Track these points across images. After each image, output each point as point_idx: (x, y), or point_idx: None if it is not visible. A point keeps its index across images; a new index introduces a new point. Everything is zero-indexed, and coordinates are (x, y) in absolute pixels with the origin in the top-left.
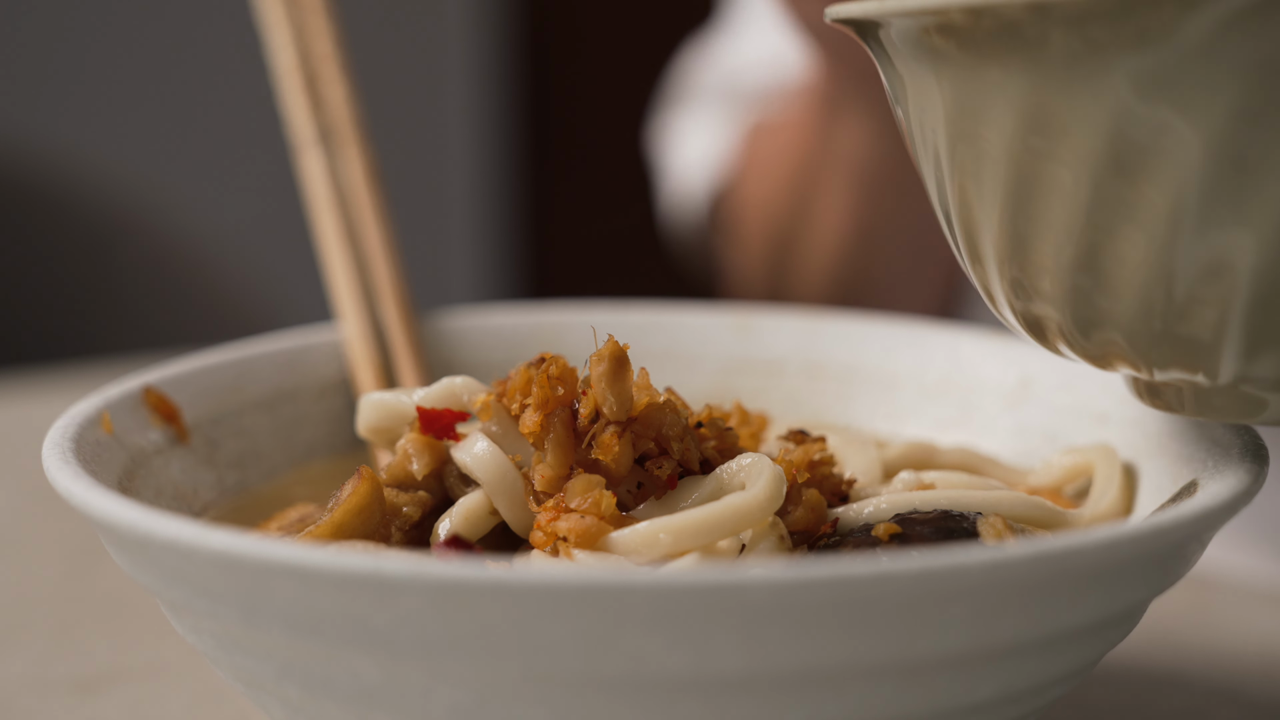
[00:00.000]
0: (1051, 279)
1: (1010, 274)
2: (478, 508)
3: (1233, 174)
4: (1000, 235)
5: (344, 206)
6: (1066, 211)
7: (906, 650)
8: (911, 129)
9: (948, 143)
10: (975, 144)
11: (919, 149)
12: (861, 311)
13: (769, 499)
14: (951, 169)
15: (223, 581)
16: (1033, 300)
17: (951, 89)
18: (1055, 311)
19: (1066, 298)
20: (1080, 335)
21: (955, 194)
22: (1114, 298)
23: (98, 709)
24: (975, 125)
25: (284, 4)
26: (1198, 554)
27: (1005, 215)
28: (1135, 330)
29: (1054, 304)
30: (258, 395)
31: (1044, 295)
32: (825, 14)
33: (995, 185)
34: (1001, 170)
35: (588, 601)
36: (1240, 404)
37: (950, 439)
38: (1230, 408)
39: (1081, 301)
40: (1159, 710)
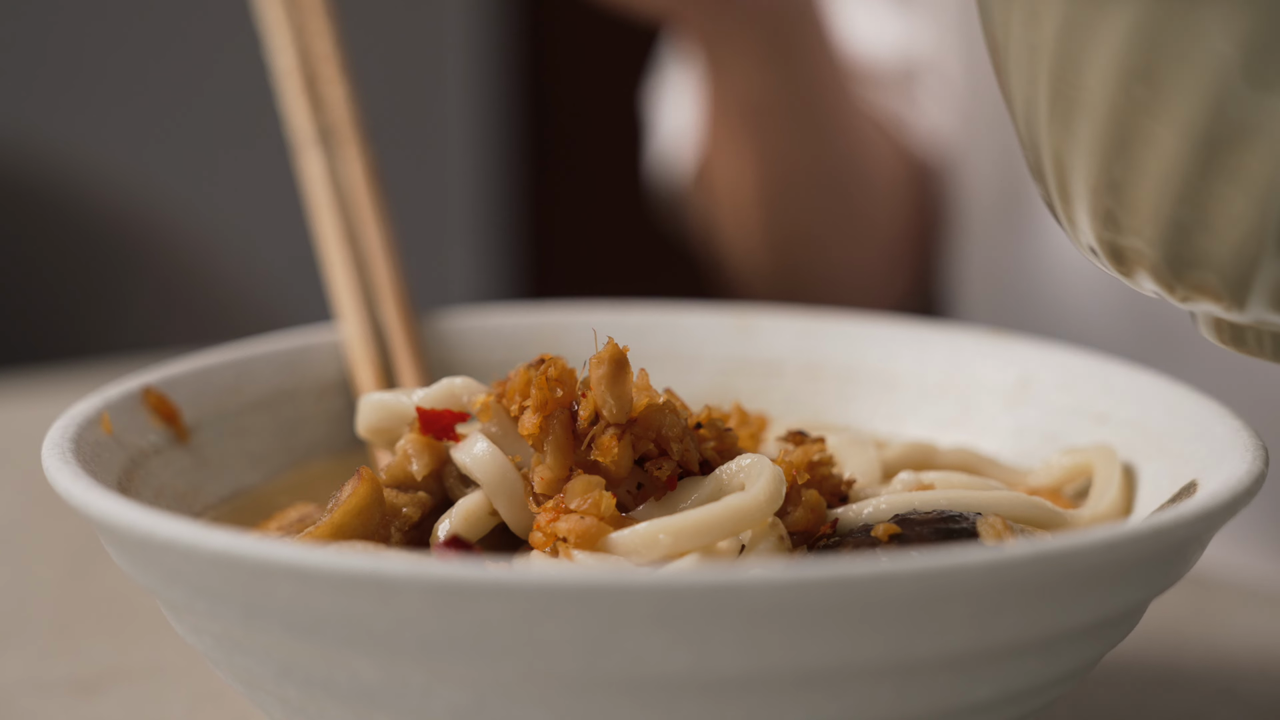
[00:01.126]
0: (1150, 213)
1: (1104, 205)
2: (477, 509)
3: None
4: (1095, 167)
5: (344, 207)
6: (1174, 149)
7: (906, 650)
8: (1007, 49)
9: (1051, 59)
10: (1080, 67)
11: (1008, 55)
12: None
13: (769, 500)
14: (1050, 90)
15: (222, 582)
16: (1123, 233)
17: (1062, 10)
18: (1148, 247)
19: (1164, 234)
20: (1171, 273)
21: (1048, 116)
22: (1215, 237)
23: (97, 709)
24: (1083, 46)
25: (284, 4)
26: (1198, 554)
27: (1104, 148)
28: (1230, 268)
29: (1148, 239)
30: (257, 395)
31: (1138, 230)
32: None
33: (1097, 113)
34: (1107, 100)
35: (587, 602)
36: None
37: (950, 439)
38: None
39: (1178, 244)
40: (1159, 710)
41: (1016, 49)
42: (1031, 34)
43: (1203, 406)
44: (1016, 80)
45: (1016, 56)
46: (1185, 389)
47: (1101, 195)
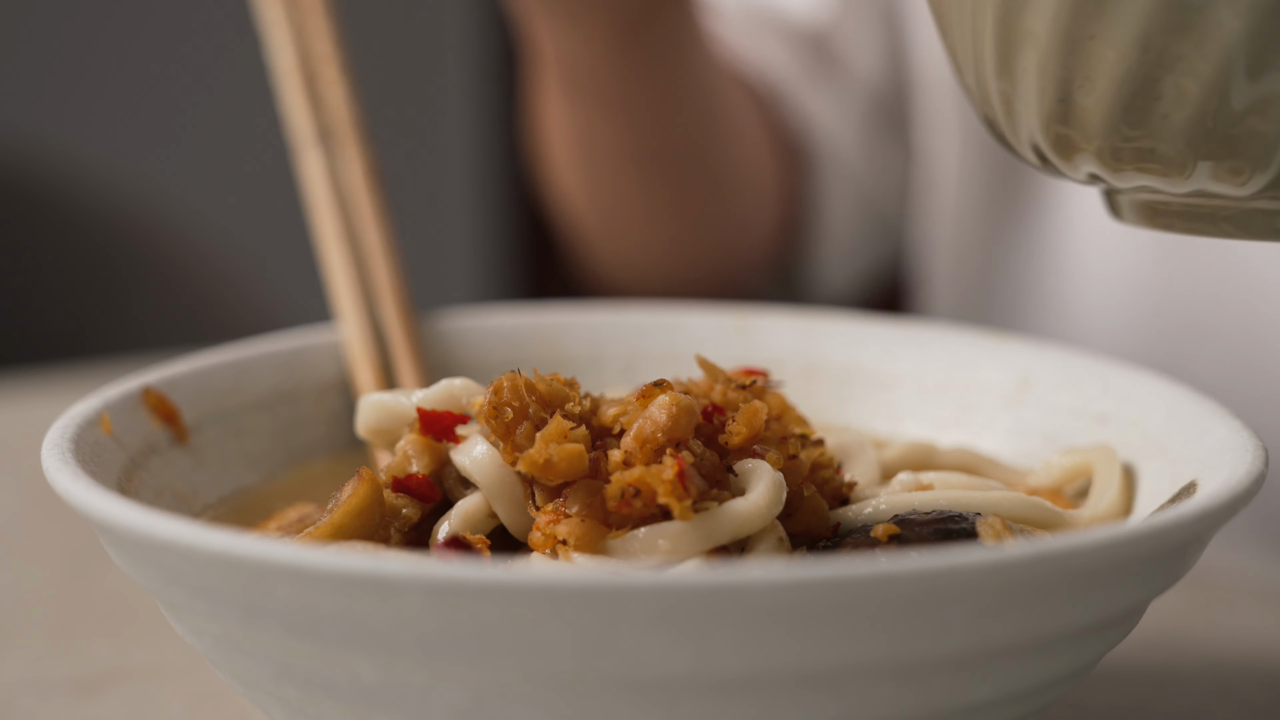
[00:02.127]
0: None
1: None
2: (476, 510)
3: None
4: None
5: (343, 207)
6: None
7: (905, 651)
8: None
9: None
10: None
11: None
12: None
13: (769, 505)
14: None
15: (222, 582)
16: (1072, 120)
17: None
18: (1096, 129)
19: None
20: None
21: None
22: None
23: (96, 710)
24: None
25: (284, 4)
26: (1197, 554)
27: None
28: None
29: (1097, 120)
30: (257, 396)
31: (1087, 113)
32: None
33: (1042, 39)
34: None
35: (587, 602)
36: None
37: (949, 439)
38: (1263, 225)
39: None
40: (1159, 711)
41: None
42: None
43: (1203, 406)
44: (959, 31)
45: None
46: (1185, 389)
47: (1053, 90)
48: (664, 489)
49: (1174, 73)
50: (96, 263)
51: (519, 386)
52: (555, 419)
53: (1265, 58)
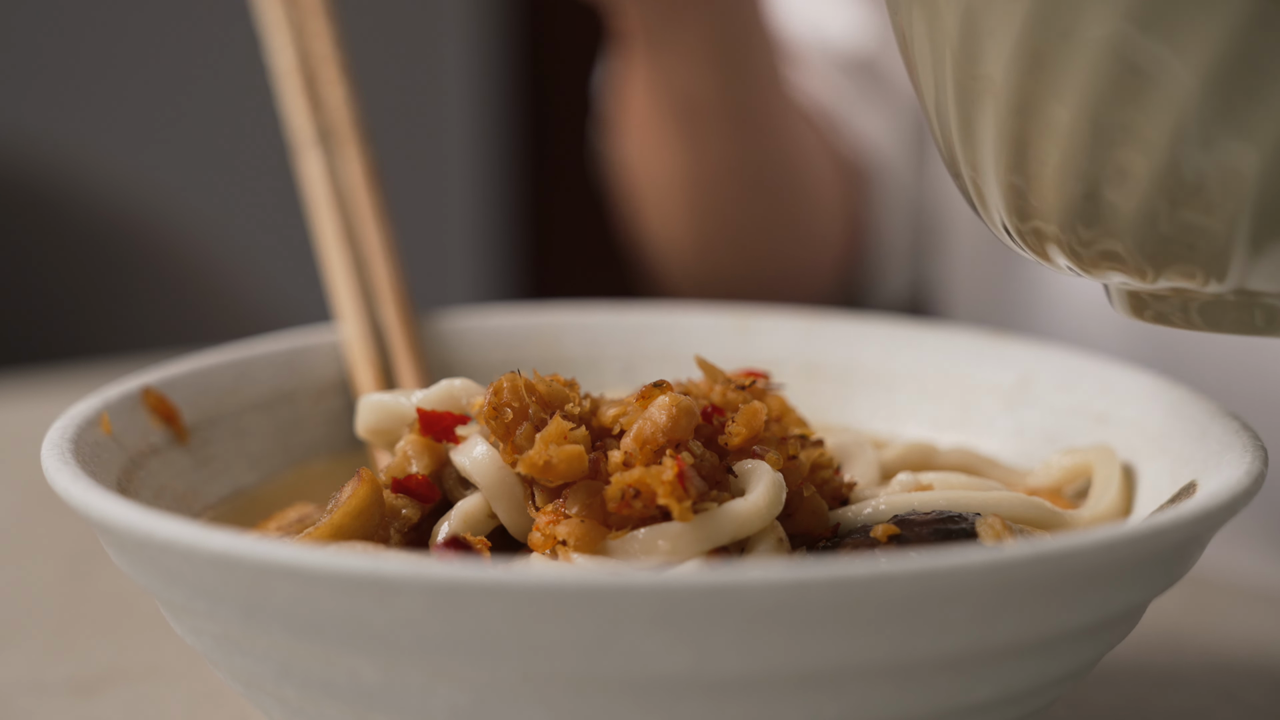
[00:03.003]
0: (1052, 191)
1: (1012, 191)
2: (476, 511)
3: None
4: (999, 147)
5: (343, 207)
6: (1068, 130)
7: (905, 651)
8: (911, 34)
9: (953, 54)
10: (978, 60)
11: (914, 53)
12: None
13: (768, 506)
14: (954, 84)
15: (222, 582)
16: (1031, 213)
17: None
18: (1054, 224)
19: (1066, 207)
20: (1080, 244)
21: (954, 106)
22: (1116, 212)
23: (96, 710)
24: (979, 41)
25: (284, 5)
26: (1197, 554)
27: (1006, 129)
28: (1139, 235)
29: (1053, 215)
30: (256, 396)
31: (1043, 209)
32: None
33: (995, 102)
34: (1002, 89)
35: (587, 602)
36: (1244, 314)
37: (949, 440)
38: (1233, 319)
39: (1081, 212)
40: (1158, 711)
41: (920, 46)
42: (934, 30)
43: (1202, 407)
44: (924, 78)
45: (921, 54)
46: (1185, 389)
47: (1010, 182)
48: (664, 490)
49: (1119, 166)
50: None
51: (519, 387)
52: (555, 420)
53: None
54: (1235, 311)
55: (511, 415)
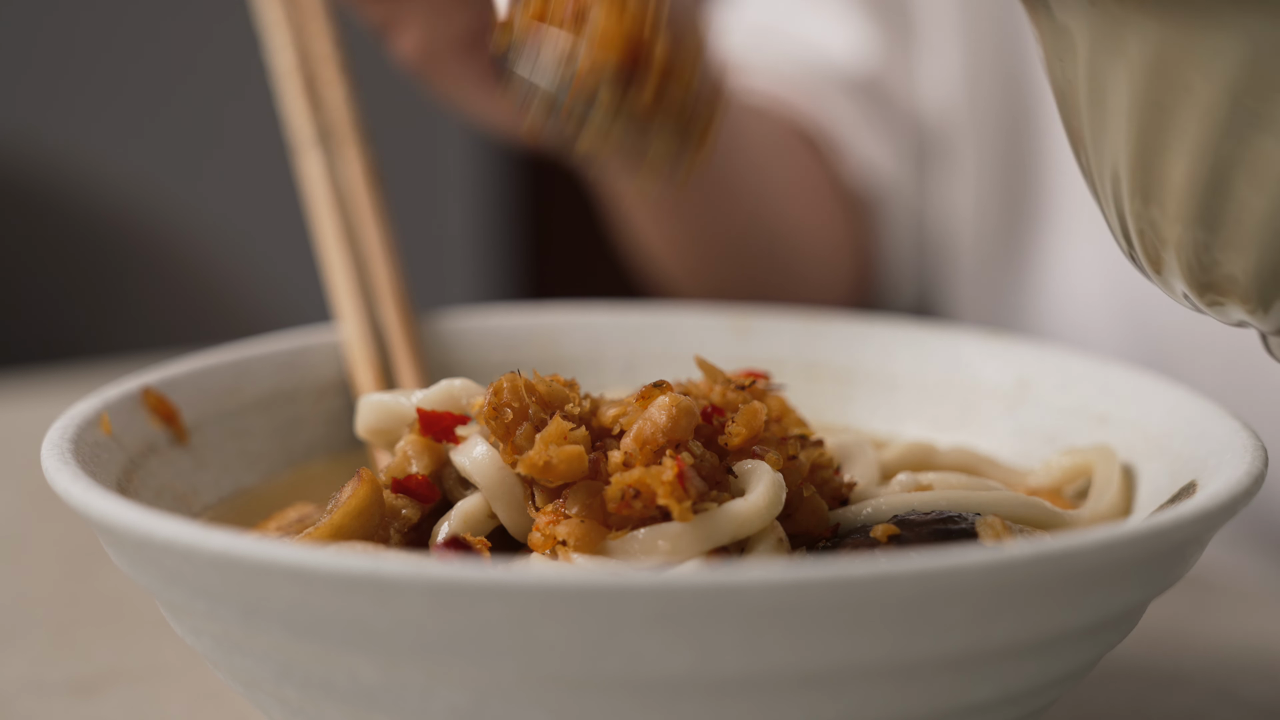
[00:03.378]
0: (1177, 225)
1: (1138, 213)
2: (476, 511)
3: None
4: (1130, 177)
5: (343, 207)
6: (1190, 162)
7: (905, 651)
8: (1054, 71)
9: (1085, 87)
10: (1107, 90)
11: (1060, 90)
12: None
13: (768, 506)
14: (1087, 110)
15: (222, 582)
16: (1157, 244)
17: (1089, 35)
18: (1178, 257)
19: (1188, 245)
20: (1201, 280)
21: (1089, 135)
22: (1239, 250)
23: (96, 710)
24: (1108, 73)
25: (283, 5)
26: (1197, 555)
27: (1134, 159)
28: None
29: (1176, 250)
30: (256, 396)
31: (1168, 241)
32: None
33: (1126, 128)
34: (1131, 117)
35: (587, 602)
36: None
37: (949, 440)
38: None
39: (1201, 249)
40: (1158, 711)
41: (1059, 77)
42: (1068, 62)
43: (1202, 407)
44: (1097, 159)
45: (1095, 135)
46: (1185, 389)
47: (1136, 198)
48: (664, 490)
49: None
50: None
51: (519, 387)
52: (555, 420)
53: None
54: None
55: (511, 415)
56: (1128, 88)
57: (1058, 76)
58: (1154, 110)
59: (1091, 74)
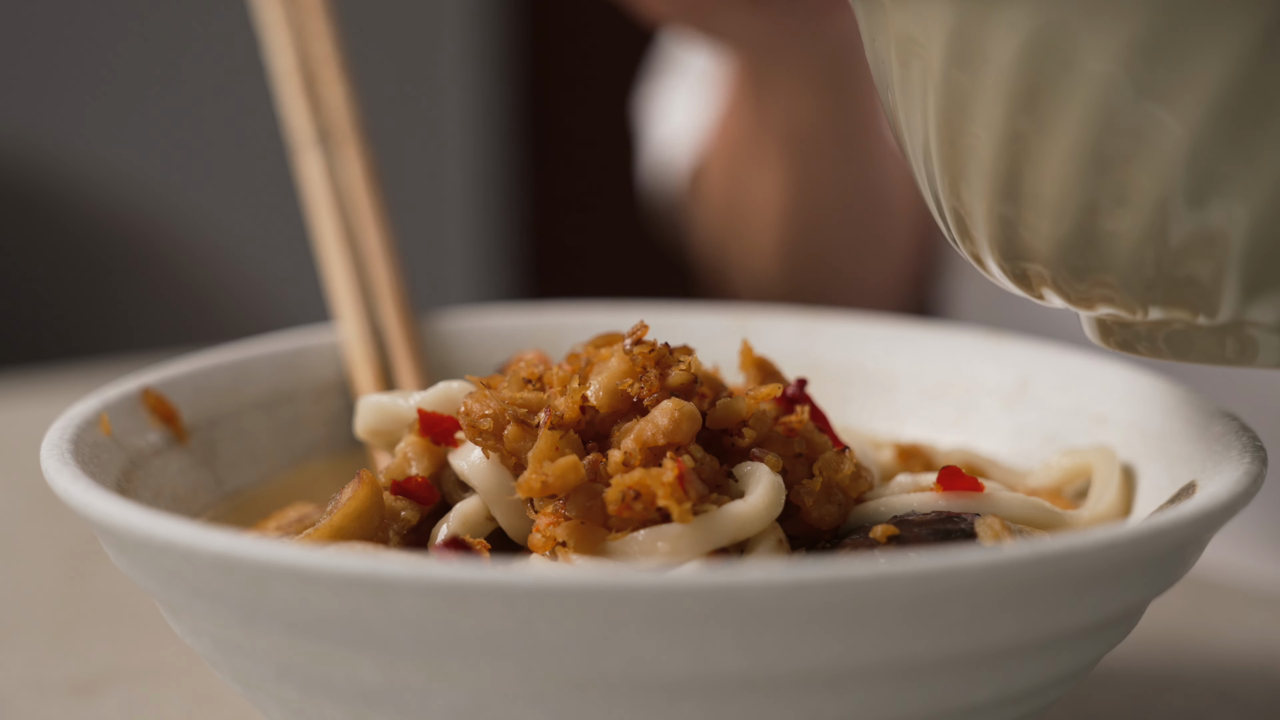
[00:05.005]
0: (1042, 237)
1: (1000, 238)
2: (474, 513)
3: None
4: (990, 187)
5: (342, 208)
6: (1056, 178)
7: (904, 651)
8: (891, 74)
9: (937, 97)
10: (963, 102)
11: (900, 113)
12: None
13: (767, 508)
14: (938, 123)
15: (221, 582)
16: (1021, 256)
17: (945, 29)
18: (1044, 266)
19: (1056, 252)
20: (1073, 281)
21: (939, 148)
22: (1107, 255)
23: (96, 710)
24: (968, 78)
25: (283, 5)
26: (1196, 555)
27: (995, 172)
28: (1129, 277)
29: (1043, 259)
30: (256, 396)
31: (1034, 253)
32: None
33: (985, 141)
34: (931, 95)
35: (586, 603)
36: (1237, 347)
37: (949, 440)
38: (1216, 351)
39: (1073, 254)
40: (1158, 711)
41: (906, 105)
42: (921, 90)
43: (1202, 407)
44: (910, 135)
45: (907, 112)
46: (1184, 390)
47: (997, 230)
48: (664, 491)
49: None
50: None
51: (484, 397)
52: (543, 435)
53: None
54: (1204, 342)
55: (491, 425)
56: (932, 64)
57: (873, 58)
58: (954, 87)
59: (900, 51)
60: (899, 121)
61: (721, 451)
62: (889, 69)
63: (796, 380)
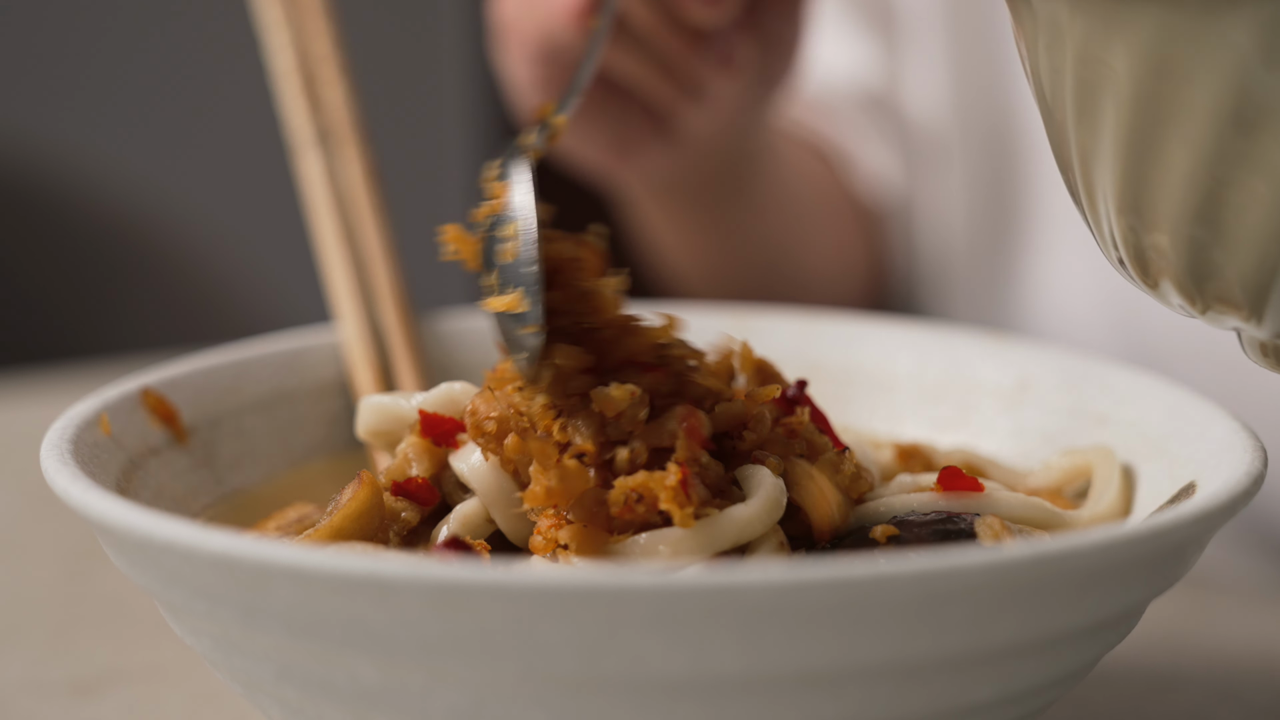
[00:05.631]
0: (1170, 230)
1: (1127, 221)
2: (474, 515)
3: None
4: (1119, 182)
5: (342, 208)
6: (1188, 161)
7: (904, 651)
8: (1037, 67)
9: (1073, 83)
10: (1100, 86)
11: (1043, 88)
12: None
13: (768, 511)
14: (1075, 111)
15: (221, 583)
16: (1148, 251)
17: (1083, 26)
18: (1171, 263)
19: (1183, 249)
20: (1194, 287)
21: (1075, 137)
22: (1232, 250)
23: (96, 710)
24: (1101, 67)
25: (283, 5)
26: (1196, 555)
27: (1125, 162)
28: (1251, 283)
29: (1170, 255)
30: (256, 396)
31: (1161, 247)
32: None
33: (1116, 129)
34: (1124, 115)
35: (586, 603)
36: None
37: (949, 440)
38: None
39: (1198, 253)
40: (1157, 712)
41: (1044, 73)
42: (1055, 55)
43: (1202, 407)
44: (1046, 103)
45: (1044, 79)
46: (1184, 390)
47: (1126, 206)
48: (666, 495)
49: None
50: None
51: (491, 398)
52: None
53: None
54: None
55: (495, 427)
56: (1123, 80)
57: (1041, 74)
58: (1149, 106)
59: (1079, 69)
60: (1069, 147)
61: (722, 454)
62: (1064, 90)
63: (796, 381)
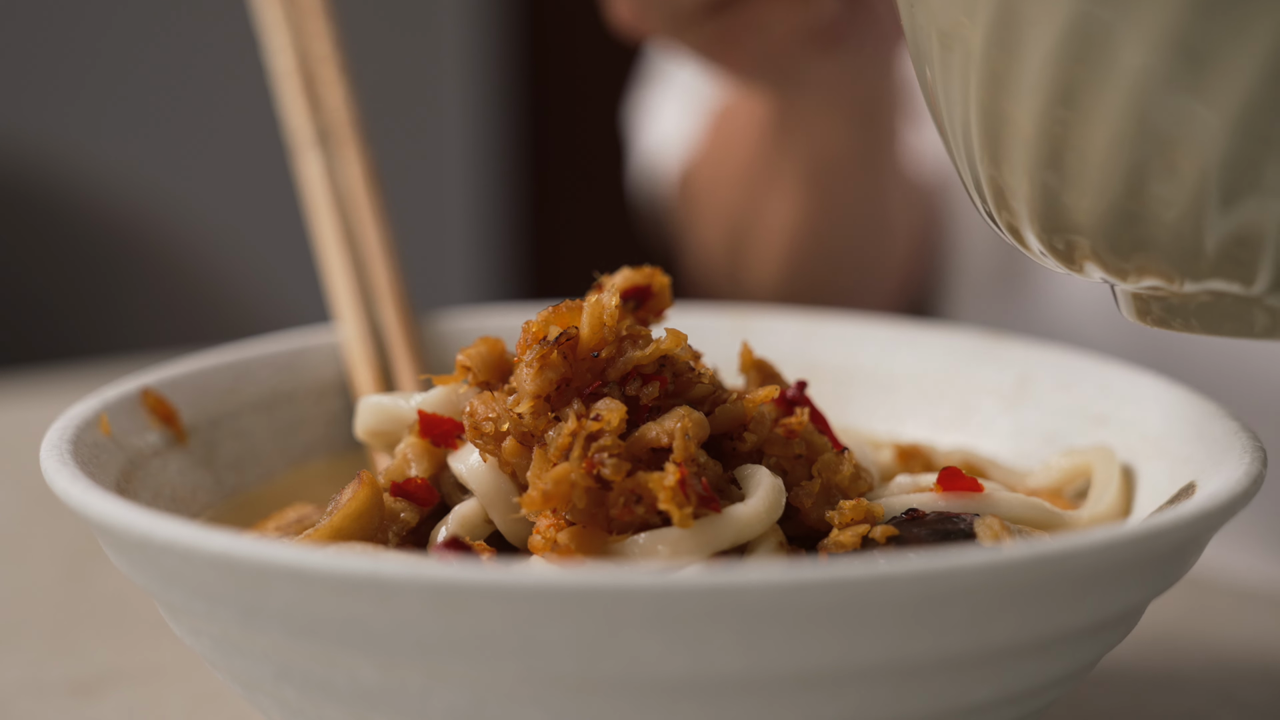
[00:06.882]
0: (1026, 176)
1: (986, 171)
2: (473, 515)
3: None
4: (979, 131)
5: (342, 208)
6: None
7: (904, 652)
8: (935, 74)
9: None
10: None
11: (939, 72)
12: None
13: (768, 511)
14: (980, 118)
15: (221, 583)
16: (1063, 228)
17: None
18: (1086, 237)
19: (1037, 195)
20: (1050, 233)
21: (980, 145)
22: (1079, 192)
23: (96, 711)
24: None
25: (282, 5)
26: (1196, 555)
27: (980, 109)
28: (1171, 248)
29: (1024, 201)
30: (256, 397)
31: (1077, 224)
32: None
33: (1026, 134)
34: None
35: (586, 603)
36: (1267, 321)
37: (948, 440)
38: (1246, 325)
39: (1050, 199)
40: (1157, 712)
41: (945, 80)
42: (962, 70)
43: (1202, 407)
44: (948, 108)
45: (946, 86)
46: (1184, 390)
47: (1039, 205)
48: (665, 495)
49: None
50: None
51: (490, 400)
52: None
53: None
54: (1234, 315)
55: (493, 429)
56: (980, 30)
57: (911, 33)
58: (1001, 53)
59: (940, 34)
60: (936, 96)
61: (722, 455)
62: (930, 45)
63: (796, 382)
